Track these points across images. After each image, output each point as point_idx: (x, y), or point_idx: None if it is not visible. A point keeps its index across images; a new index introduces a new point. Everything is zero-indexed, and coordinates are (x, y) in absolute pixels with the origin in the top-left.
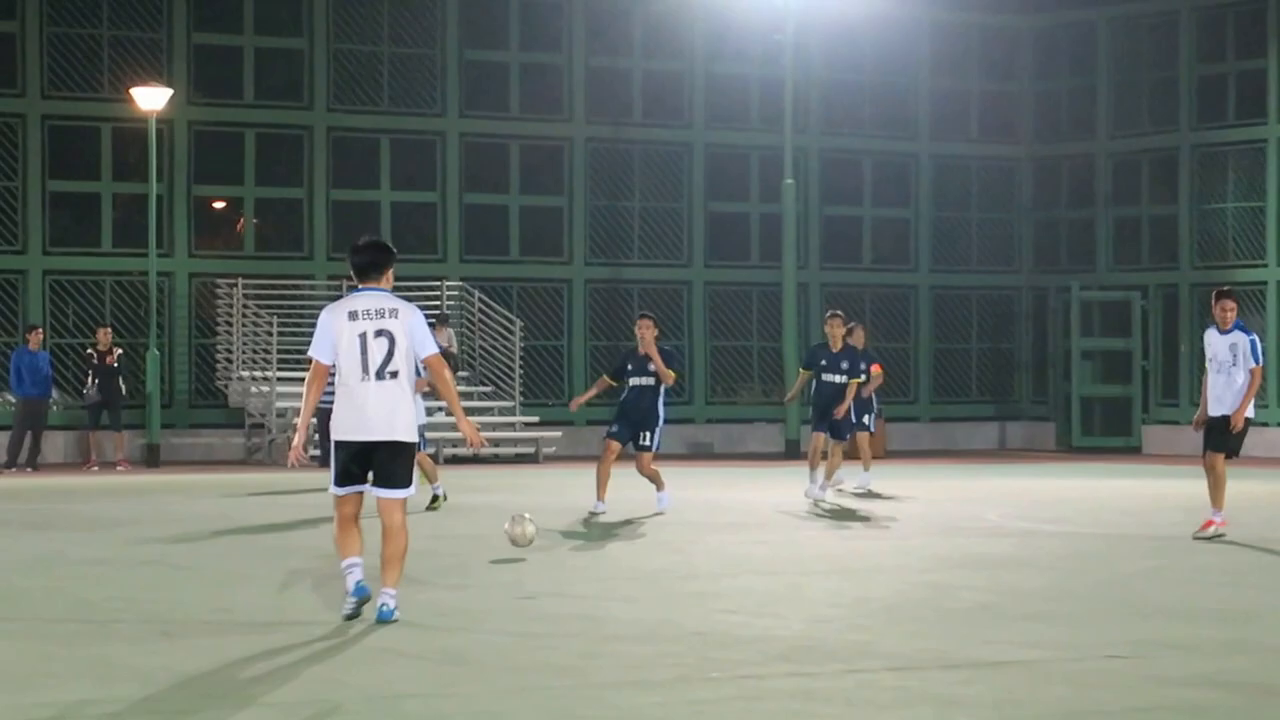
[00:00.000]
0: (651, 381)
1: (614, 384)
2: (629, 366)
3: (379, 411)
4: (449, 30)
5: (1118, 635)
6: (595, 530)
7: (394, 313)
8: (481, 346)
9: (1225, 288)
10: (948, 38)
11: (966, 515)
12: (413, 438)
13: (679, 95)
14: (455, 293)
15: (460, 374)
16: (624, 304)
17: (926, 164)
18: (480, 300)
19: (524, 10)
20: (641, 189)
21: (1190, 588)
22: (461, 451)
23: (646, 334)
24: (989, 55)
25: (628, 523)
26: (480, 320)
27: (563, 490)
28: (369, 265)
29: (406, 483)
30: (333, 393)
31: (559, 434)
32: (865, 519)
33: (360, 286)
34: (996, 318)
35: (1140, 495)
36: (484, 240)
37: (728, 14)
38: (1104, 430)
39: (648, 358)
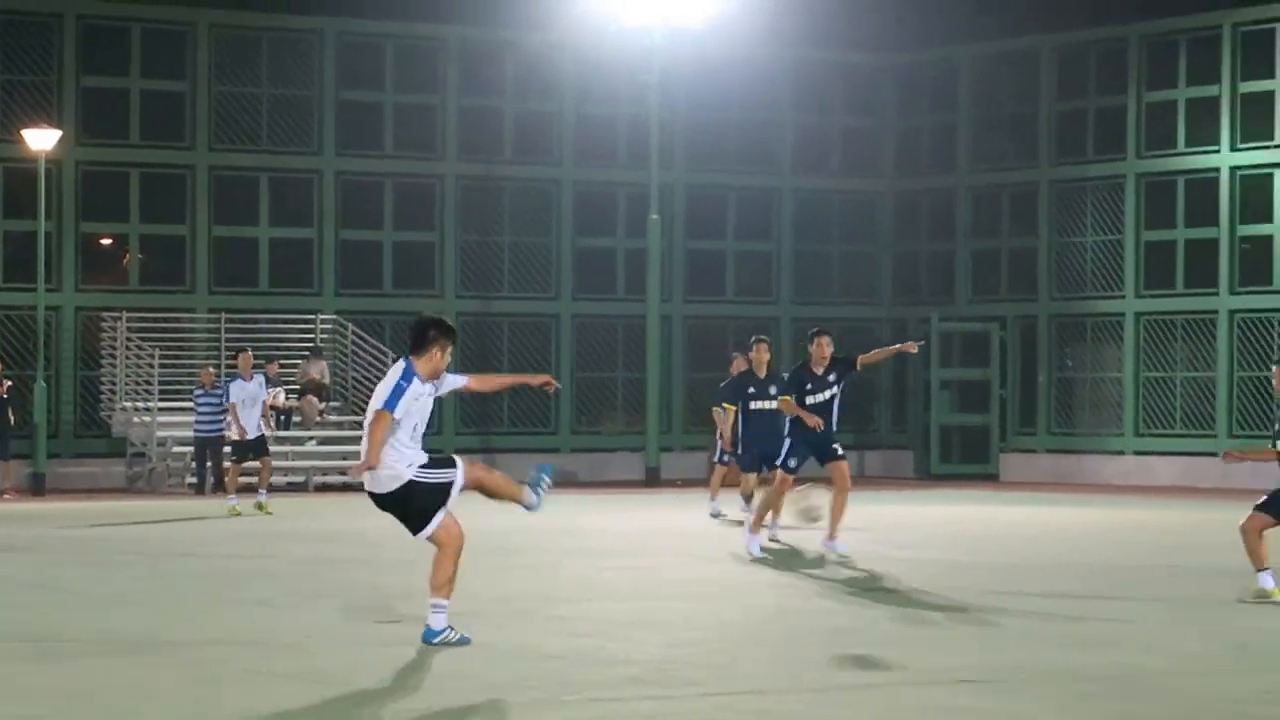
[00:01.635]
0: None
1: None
2: (751, 390)
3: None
4: (326, 72)
5: (970, 660)
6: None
7: None
8: (354, 378)
9: None
10: (811, 75)
11: (817, 540)
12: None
13: (549, 134)
14: (330, 326)
15: (333, 404)
16: (494, 336)
17: (789, 198)
18: (354, 333)
19: (399, 53)
20: (511, 224)
21: (1042, 613)
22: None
23: (764, 356)
24: (852, 92)
25: (493, 547)
26: (353, 352)
27: None
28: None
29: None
30: (210, 420)
31: None
32: (725, 546)
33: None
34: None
35: (996, 521)
36: (358, 275)
37: (596, 56)
38: (962, 458)
39: (769, 380)
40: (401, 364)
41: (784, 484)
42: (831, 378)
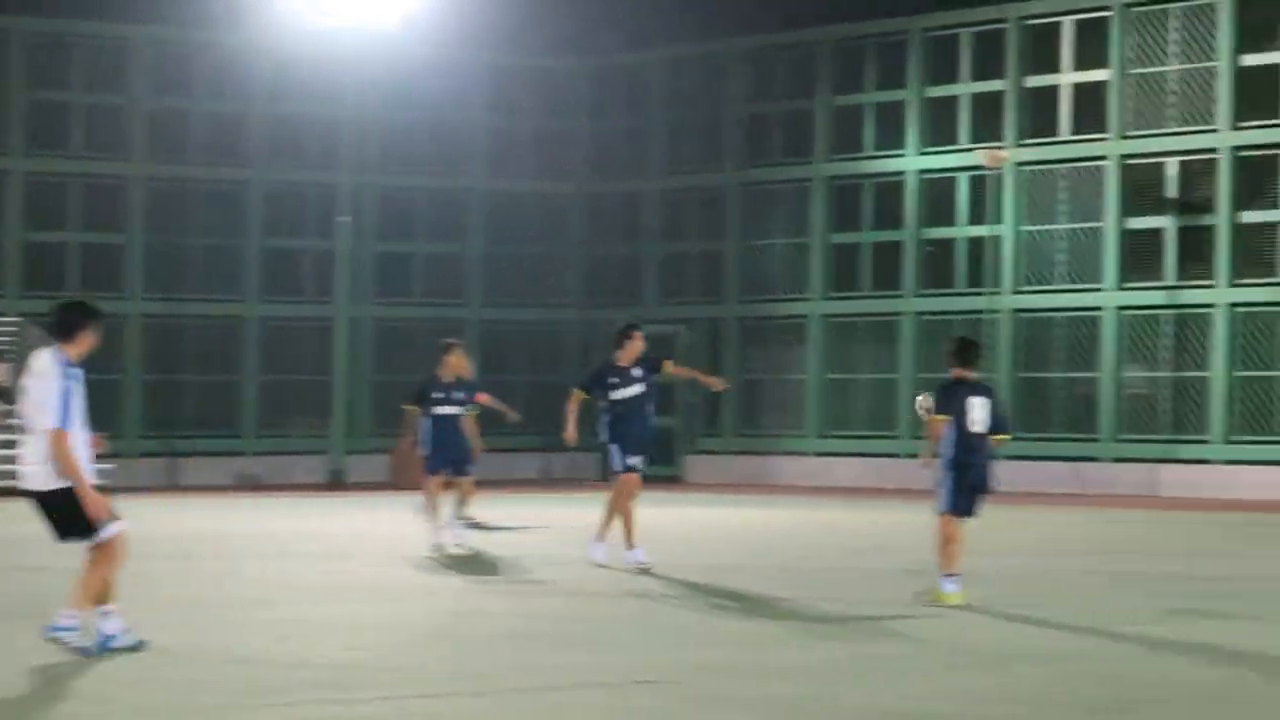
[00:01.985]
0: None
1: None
2: (438, 394)
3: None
4: (14, 72)
5: (646, 658)
6: (137, 557)
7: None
8: None
9: None
10: (504, 78)
11: (501, 542)
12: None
13: (239, 135)
14: (13, 328)
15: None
16: (180, 338)
17: (481, 200)
18: (38, 336)
19: (87, 52)
20: (200, 226)
21: (723, 612)
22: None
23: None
24: (544, 95)
25: (174, 551)
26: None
27: None
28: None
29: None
30: None
31: (112, 466)
32: (409, 548)
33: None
34: (547, 350)
35: (682, 523)
36: (43, 277)
37: (289, 56)
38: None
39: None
40: (53, 359)
41: (628, 485)
42: (637, 373)
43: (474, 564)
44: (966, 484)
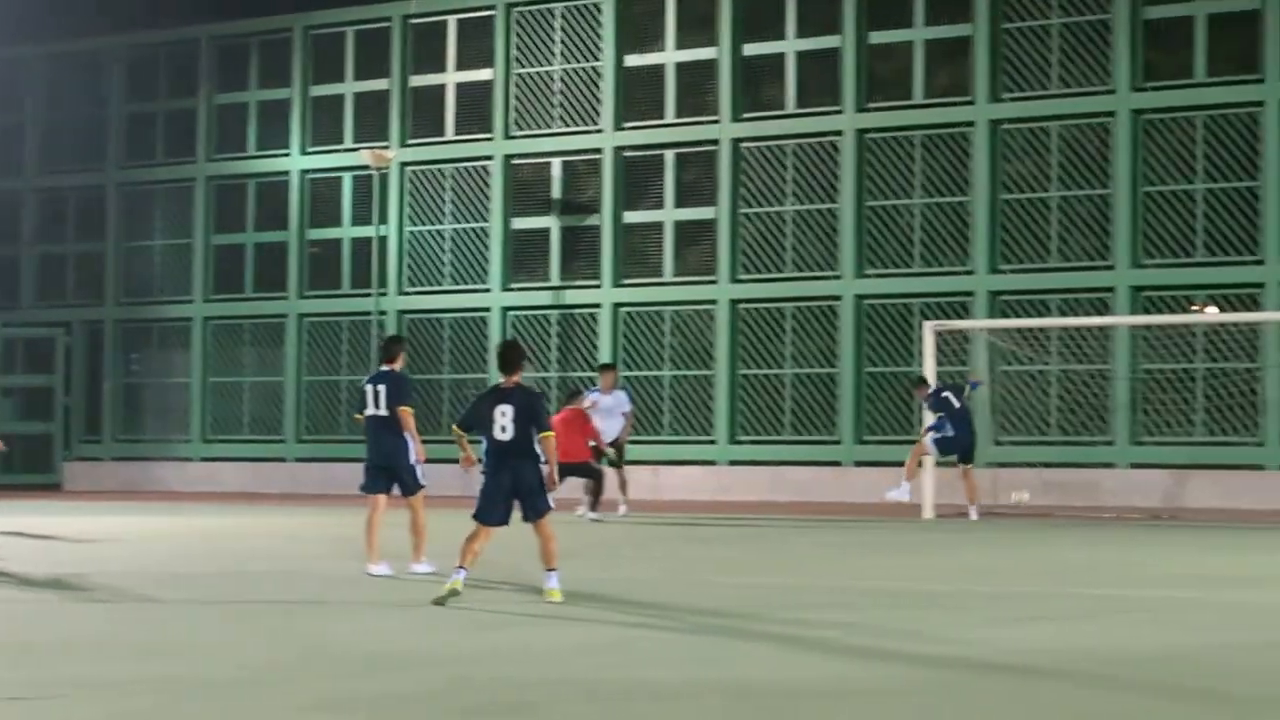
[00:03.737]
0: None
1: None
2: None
3: None
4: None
5: (28, 675)
6: None
7: None
8: None
9: None
10: None
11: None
12: None
13: None
14: None
15: None
16: None
17: None
18: None
19: None
20: None
21: (105, 623)
22: None
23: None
24: None
25: None
26: None
27: None
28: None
29: None
30: None
31: None
32: None
33: None
34: None
35: (60, 532)
36: None
37: None
38: (24, 467)
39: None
40: None
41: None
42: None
43: None
44: (502, 489)
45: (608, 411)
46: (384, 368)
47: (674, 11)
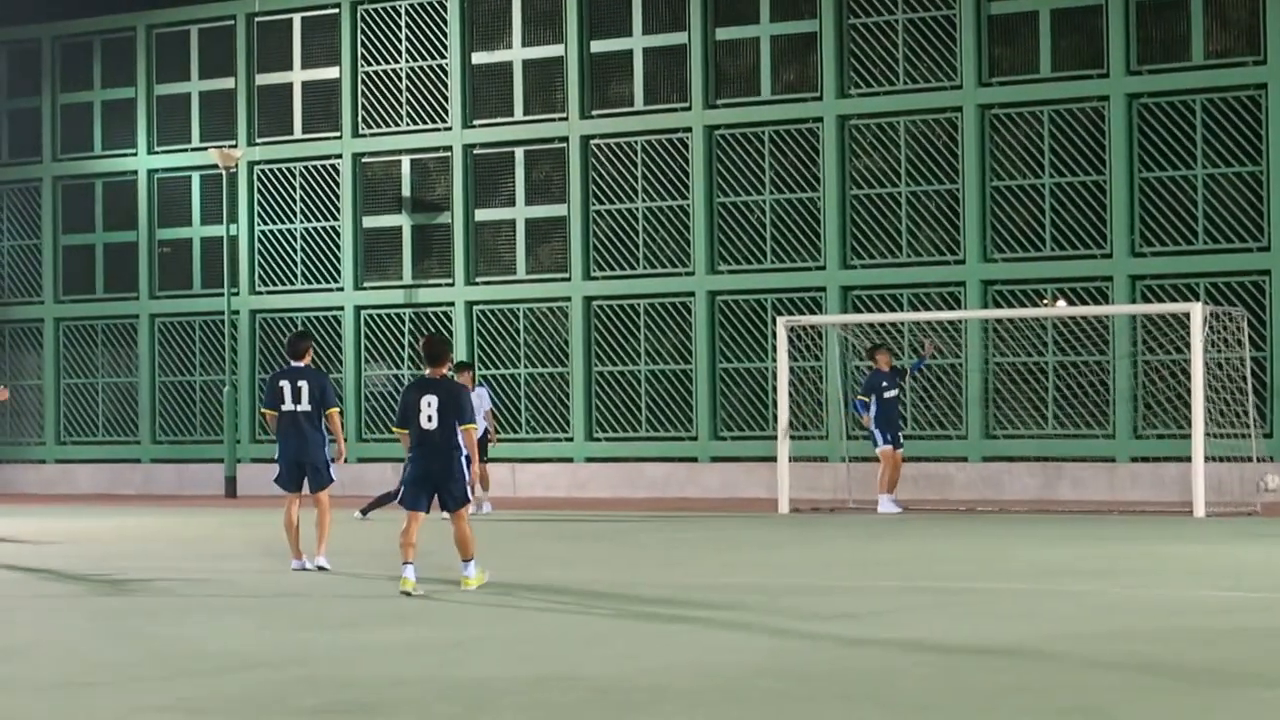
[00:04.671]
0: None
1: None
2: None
3: None
4: None
5: None
6: None
7: None
8: None
9: None
10: None
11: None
12: None
13: None
14: None
15: None
16: None
17: None
18: None
19: None
20: None
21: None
22: None
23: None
24: None
25: None
26: None
27: None
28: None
29: None
30: None
31: None
32: None
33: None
34: None
35: None
36: None
37: None
38: None
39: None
40: None
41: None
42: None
43: None
44: (425, 478)
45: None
46: (296, 364)
47: (520, 9)
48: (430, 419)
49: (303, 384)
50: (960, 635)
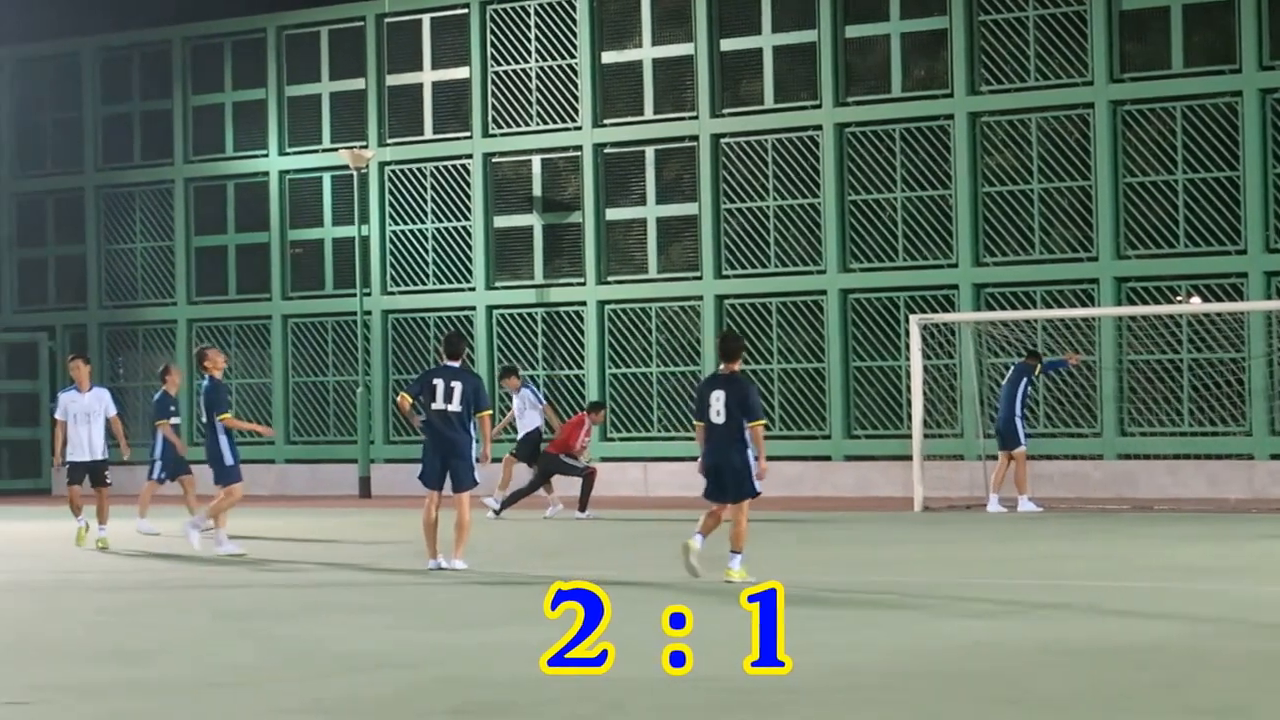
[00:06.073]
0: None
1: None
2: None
3: None
4: None
5: (14, 680)
6: None
7: None
8: None
9: None
10: None
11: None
12: None
13: None
14: None
15: None
16: None
17: None
18: None
19: None
20: None
21: (87, 628)
22: None
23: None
24: None
25: None
26: None
27: None
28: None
29: None
30: None
31: None
32: None
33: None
34: None
35: (46, 537)
36: None
37: None
38: (14, 473)
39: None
40: None
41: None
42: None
43: None
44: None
45: (518, 412)
46: (451, 363)
47: (649, 7)
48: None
49: (456, 384)
50: (1098, 634)
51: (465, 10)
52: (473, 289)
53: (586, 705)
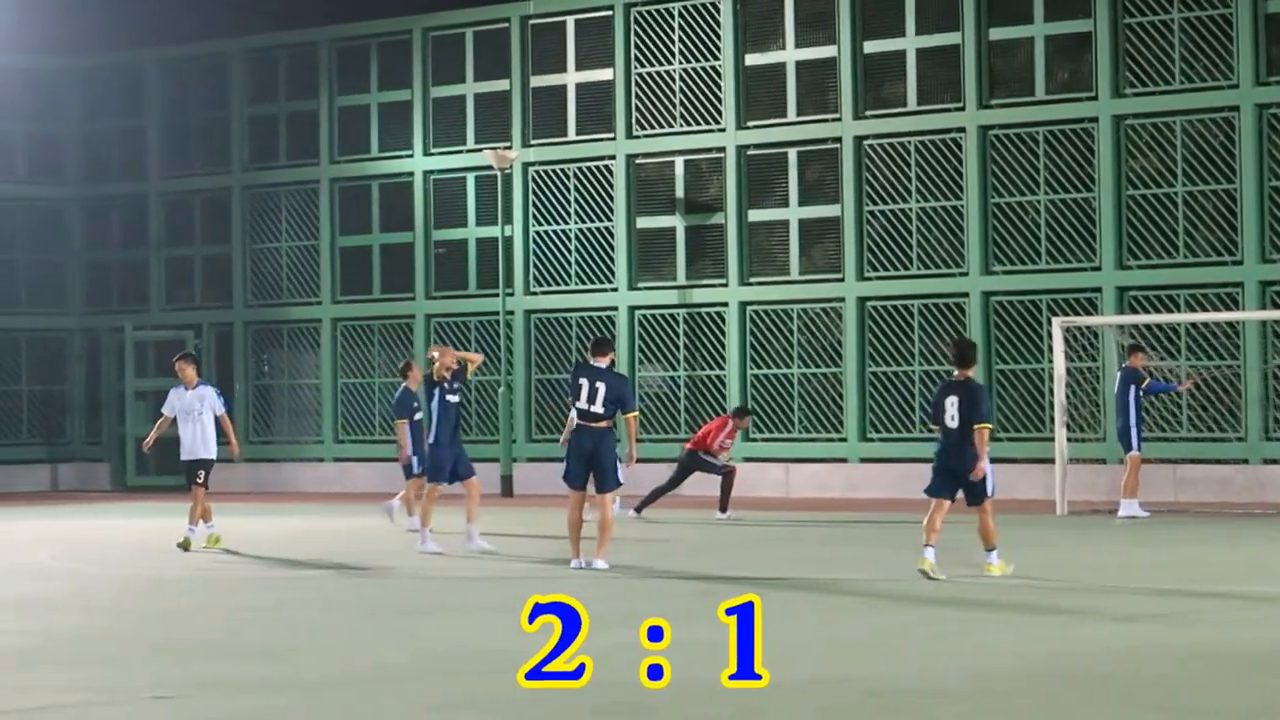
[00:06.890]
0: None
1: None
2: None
3: None
4: None
5: (162, 675)
6: None
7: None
8: None
9: None
10: None
11: (12, 559)
12: None
13: None
14: None
15: None
16: None
17: None
18: None
19: None
20: None
21: (231, 625)
22: None
23: None
24: (33, 96)
25: None
26: None
27: None
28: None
29: None
30: None
31: None
32: None
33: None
34: (48, 359)
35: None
36: None
37: None
38: (160, 469)
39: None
40: None
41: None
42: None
43: None
44: (946, 470)
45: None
46: (597, 363)
47: (792, 10)
48: (952, 417)
49: (600, 385)
50: (1242, 639)
51: (609, 12)
52: (615, 289)
53: (719, 706)
